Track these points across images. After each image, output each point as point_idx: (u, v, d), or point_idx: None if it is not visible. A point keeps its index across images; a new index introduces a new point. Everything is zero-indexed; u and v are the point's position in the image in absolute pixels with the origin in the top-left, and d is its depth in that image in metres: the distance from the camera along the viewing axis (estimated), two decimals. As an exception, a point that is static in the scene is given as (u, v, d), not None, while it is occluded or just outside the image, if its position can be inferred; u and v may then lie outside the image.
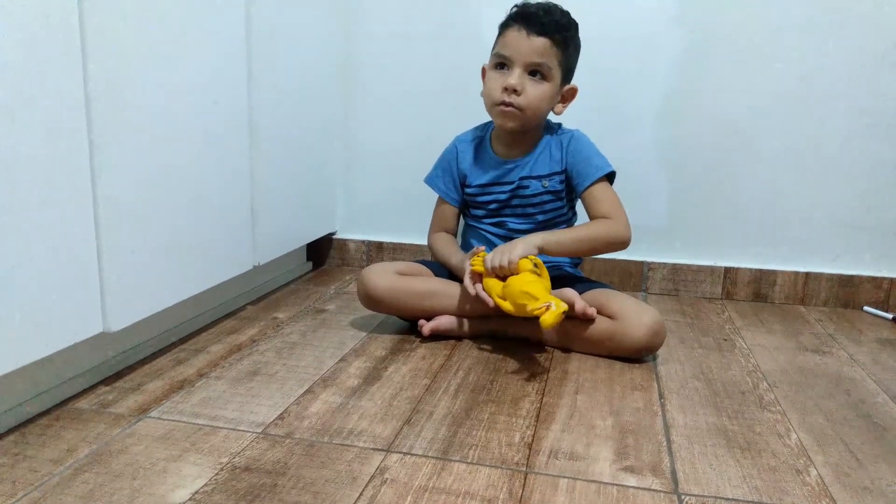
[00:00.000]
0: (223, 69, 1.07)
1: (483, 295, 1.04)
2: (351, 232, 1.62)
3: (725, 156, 1.41)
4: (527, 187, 1.17)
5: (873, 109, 1.33)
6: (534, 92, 1.10)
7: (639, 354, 1.04)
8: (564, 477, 0.71)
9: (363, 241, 1.61)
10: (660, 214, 1.46)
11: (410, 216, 1.56)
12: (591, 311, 1.04)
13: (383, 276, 1.11)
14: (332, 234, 1.62)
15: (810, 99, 1.35)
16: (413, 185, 1.32)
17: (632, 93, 1.42)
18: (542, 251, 1.06)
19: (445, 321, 1.11)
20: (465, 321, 1.12)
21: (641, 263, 1.47)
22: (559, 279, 1.14)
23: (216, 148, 1.07)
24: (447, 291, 1.12)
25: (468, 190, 1.22)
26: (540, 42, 1.08)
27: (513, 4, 1.14)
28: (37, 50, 0.72)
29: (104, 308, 0.85)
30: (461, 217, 1.28)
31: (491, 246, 1.18)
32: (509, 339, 1.11)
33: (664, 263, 1.46)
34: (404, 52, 1.51)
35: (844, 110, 1.34)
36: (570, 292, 1.04)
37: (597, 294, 1.08)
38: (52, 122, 0.75)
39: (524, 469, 0.72)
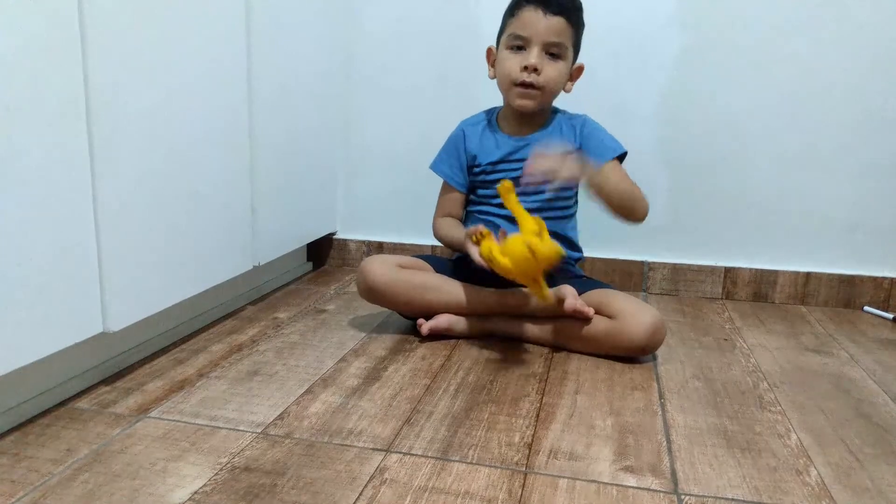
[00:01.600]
0: (223, 68, 1.07)
1: (480, 260, 1.01)
2: (351, 232, 1.62)
3: (726, 155, 1.40)
4: None
5: (874, 109, 1.33)
6: (552, 71, 1.11)
7: (638, 354, 1.04)
8: (564, 477, 0.71)
9: (363, 241, 1.61)
10: (660, 214, 1.45)
11: (411, 216, 1.56)
12: (588, 310, 1.03)
13: (384, 268, 1.10)
14: (333, 234, 1.62)
15: (811, 98, 1.35)
16: (414, 185, 1.32)
17: (631, 93, 1.41)
18: (592, 178, 1.04)
19: (444, 320, 1.10)
20: (464, 320, 1.12)
21: (642, 263, 1.47)
22: (559, 276, 1.14)
23: (216, 148, 1.07)
24: (447, 288, 1.12)
25: (477, 169, 1.20)
26: (557, 21, 1.09)
27: None
28: (37, 49, 0.72)
29: (104, 308, 0.85)
30: (476, 211, 1.24)
31: (495, 228, 1.17)
32: (507, 338, 1.11)
33: (664, 263, 1.46)
34: (405, 52, 1.51)
35: (845, 110, 1.34)
36: (566, 289, 1.04)
37: (596, 294, 1.08)
38: (53, 121, 0.75)
39: (524, 469, 0.72)
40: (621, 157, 1.15)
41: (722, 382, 0.97)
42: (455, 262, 1.22)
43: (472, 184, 1.23)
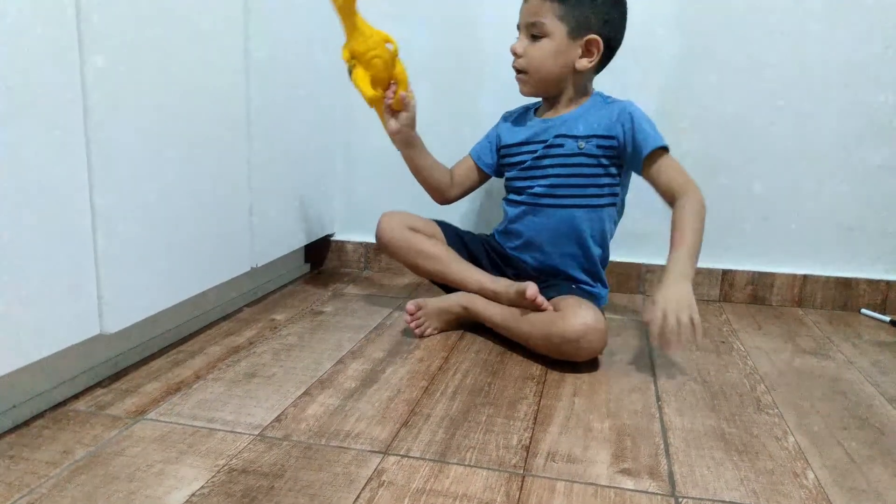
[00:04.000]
0: (221, 70, 1.07)
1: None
2: (349, 233, 1.62)
3: (723, 158, 1.41)
4: (561, 146, 1.15)
5: (870, 112, 1.33)
6: (532, 52, 1.13)
7: (569, 351, 1.00)
8: (562, 479, 0.71)
9: (361, 243, 1.61)
10: (658, 217, 1.45)
11: (408, 218, 1.55)
12: (545, 304, 1.04)
13: (393, 227, 1.18)
14: (331, 235, 1.62)
15: (808, 101, 1.35)
16: (412, 186, 1.32)
17: (629, 95, 1.40)
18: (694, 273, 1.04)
19: (412, 307, 1.13)
20: (437, 299, 1.14)
21: (639, 266, 1.47)
22: (560, 284, 1.14)
23: (214, 149, 1.06)
24: (445, 260, 1.16)
25: (503, 150, 1.24)
26: (532, 2, 1.11)
27: None
28: (34, 51, 0.72)
29: (101, 309, 0.84)
30: (503, 198, 1.26)
31: (520, 219, 1.19)
32: (470, 320, 1.14)
33: (662, 266, 1.46)
34: (404, 54, 1.51)
35: (842, 113, 1.35)
36: (530, 284, 1.05)
37: (561, 297, 1.08)
38: (50, 123, 0.75)
39: (521, 472, 0.72)
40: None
41: (719, 385, 0.98)
42: (466, 237, 1.25)
43: (501, 167, 1.26)
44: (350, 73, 1.10)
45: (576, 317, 0.99)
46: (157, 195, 0.93)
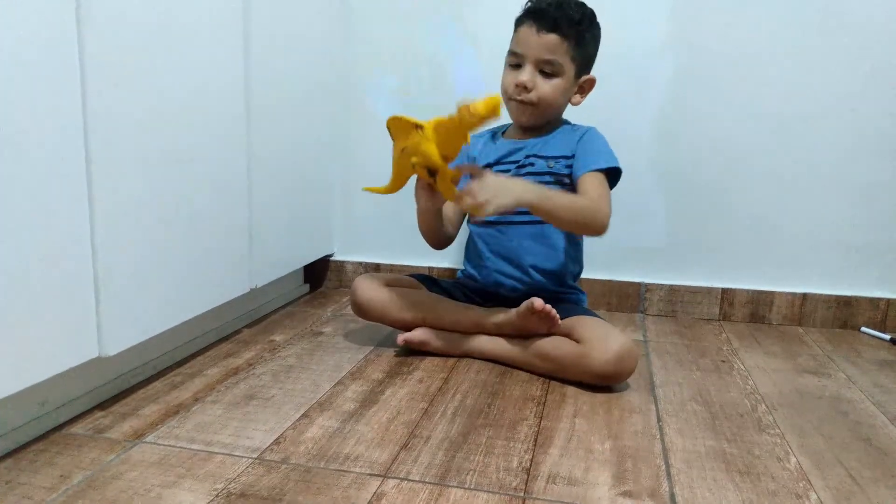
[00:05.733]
0: (220, 91, 1.08)
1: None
2: (348, 254, 1.63)
3: (722, 177, 1.41)
4: (532, 164, 1.17)
5: (869, 129, 1.34)
6: (545, 88, 1.13)
7: (608, 382, 1.00)
8: (563, 502, 0.70)
9: (360, 263, 1.61)
10: (657, 236, 1.46)
11: (408, 238, 1.55)
12: (554, 313, 1.02)
13: (371, 287, 1.15)
14: (330, 255, 1.62)
15: (806, 119, 1.36)
16: (411, 206, 1.32)
17: (626, 116, 1.42)
18: (531, 206, 1.01)
19: (420, 333, 1.11)
20: (442, 336, 1.12)
21: (639, 285, 1.47)
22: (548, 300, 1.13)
23: (213, 171, 1.07)
24: (431, 305, 1.14)
25: None
26: (550, 39, 1.10)
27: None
28: (35, 70, 0.73)
29: (100, 332, 0.84)
30: (470, 222, 1.26)
31: (489, 242, 1.20)
32: (480, 359, 1.12)
33: (661, 285, 1.46)
34: (404, 74, 1.52)
35: (840, 130, 1.35)
36: (535, 298, 1.04)
37: (569, 320, 1.07)
38: (50, 143, 0.75)
39: (522, 494, 0.72)
40: (612, 172, 1.14)
41: (720, 405, 0.97)
42: (446, 282, 1.24)
43: None
44: (432, 175, 1.03)
45: (605, 350, 0.98)
46: (156, 217, 0.94)
